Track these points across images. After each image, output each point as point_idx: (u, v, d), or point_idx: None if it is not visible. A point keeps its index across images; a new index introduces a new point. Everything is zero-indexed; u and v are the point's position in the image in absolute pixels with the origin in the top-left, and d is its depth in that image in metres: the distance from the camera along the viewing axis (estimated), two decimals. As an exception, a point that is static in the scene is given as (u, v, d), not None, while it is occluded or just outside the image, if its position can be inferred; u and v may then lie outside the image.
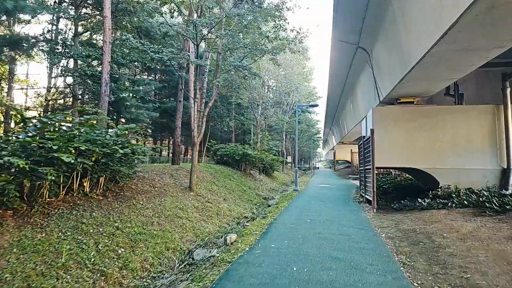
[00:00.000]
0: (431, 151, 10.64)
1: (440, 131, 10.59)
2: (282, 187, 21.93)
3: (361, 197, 14.07)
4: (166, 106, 22.23)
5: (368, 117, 12.48)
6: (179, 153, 13.76)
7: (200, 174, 13.19)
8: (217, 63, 11.44)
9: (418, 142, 10.86)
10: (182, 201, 9.58)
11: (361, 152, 14.08)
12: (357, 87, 18.59)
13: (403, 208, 10.27)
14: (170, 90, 25.80)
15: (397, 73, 9.21)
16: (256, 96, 21.90)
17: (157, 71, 24.92)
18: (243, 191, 14.97)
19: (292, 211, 10.69)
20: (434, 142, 10.62)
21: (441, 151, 10.51)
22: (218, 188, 12.94)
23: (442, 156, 10.48)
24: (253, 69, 21.48)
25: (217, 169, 16.41)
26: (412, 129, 10.99)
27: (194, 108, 10.83)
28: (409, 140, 10.97)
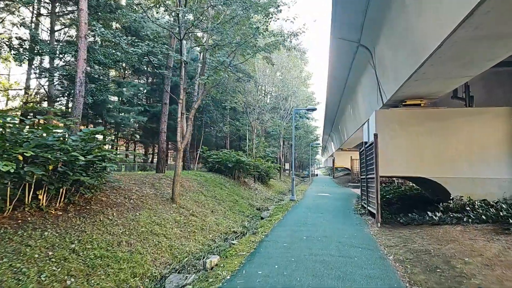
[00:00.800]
0: (441, 158, 9.66)
1: (451, 137, 9.62)
2: (278, 196, 20.86)
3: (362, 208, 13.04)
4: (155, 110, 21.22)
5: (370, 121, 11.52)
6: (164, 160, 12.76)
7: (186, 183, 12.14)
8: (203, 61, 10.49)
9: (426, 148, 9.89)
10: (161, 214, 8.52)
11: (362, 159, 13.09)
12: (357, 90, 17.69)
13: (410, 222, 9.24)
14: (160, 94, 24.83)
15: (404, 71, 8.27)
16: (251, 100, 20.95)
17: (148, 73, 24.02)
18: (235, 202, 13.91)
19: (286, 225, 9.63)
20: (445, 149, 9.65)
21: (452, 159, 9.53)
22: (206, 199, 11.89)
23: (454, 164, 9.50)
24: (247, 70, 20.62)
25: (207, 177, 15.36)
26: (419, 134, 10.03)
27: (178, 110, 9.84)
28: (417, 147, 9.99)
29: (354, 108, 21.29)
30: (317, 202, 15.83)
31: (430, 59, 6.36)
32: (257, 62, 21.18)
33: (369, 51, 11.64)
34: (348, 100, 22.39)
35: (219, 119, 24.69)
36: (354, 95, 19.40)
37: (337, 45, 12.78)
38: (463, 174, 9.43)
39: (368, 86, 14.50)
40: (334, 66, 15.92)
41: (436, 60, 6.44)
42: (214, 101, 23.39)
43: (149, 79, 25.87)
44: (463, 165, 9.44)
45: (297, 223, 9.89)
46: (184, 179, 12.44)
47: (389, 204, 12.83)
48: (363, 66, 13.89)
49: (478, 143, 9.39)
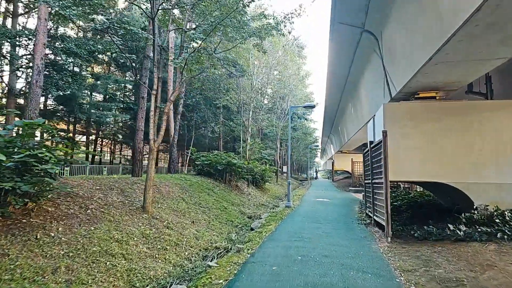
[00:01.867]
0: (462, 160, 8.23)
1: (474, 135, 8.21)
2: (273, 202, 19.37)
3: (367, 217, 11.58)
4: None
5: (377, 118, 10.10)
6: (141, 161, 11.30)
7: (165, 188, 10.66)
8: (181, 44, 9.04)
9: (444, 148, 8.46)
10: (125, 228, 7.04)
11: (367, 161, 11.65)
12: (360, 86, 16.29)
13: (427, 236, 7.78)
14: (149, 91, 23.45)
15: (421, 54, 6.86)
16: (244, 97, 19.49)
17: (135, 69, 22.56)
18: (223, 209, 12.43)
19: (278, 239, 8.16)
20: (467, 149, 8.23)
21: (476, 161, 8.11)
22: (187, 207, 10.41)
23: (478, 167, 8.08)
24: (241, 65, 19.20)
25: (193, 181, 13.88)
26: (435, 132, 8.61)
27: (151, 102, 8.38)
28: (433, 146, 8.57)
29: (356, 107, 19.89)
30: (316, 209, 14.36)
31: (462, 30, 4.94)
32: (251, 56, 19.80)
33: (374, 37, 10.23)
34: (349, 98, 21.01)
35: (211, 119, 23.23)
36: (356, 92, 18.00)
37: (338, 34, 11.38)
38: (489, 179, 8.01)
39: (372, 81, 13.10)
40: (334, 60, 14.54)
41: (469, 32, 5.03)
42: (206, 99, 21.97)
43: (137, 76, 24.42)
44: (489, 169, 8.02)
45: (292, 237, 8.41)
46: (162, 184, 10.97)
47: (398, 212, 11.39)
48: (366, 58, 12.50)
49: (507, 143, 7.96)
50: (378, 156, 9.10)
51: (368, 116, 15.82)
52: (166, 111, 8.47)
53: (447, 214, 9.56)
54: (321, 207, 15.12)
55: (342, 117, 28.55)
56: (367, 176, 11.72)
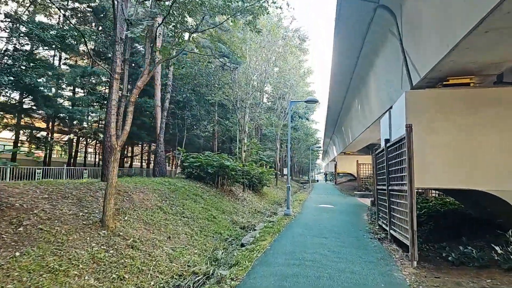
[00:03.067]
0: (507, 162, 6.54)
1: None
2: (272, 208, 17.69)
3: (380, 230, 9.90)
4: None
5: (395, 110, 8.45)
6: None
7: (139, 196, 8.99)
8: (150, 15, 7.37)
9: (482, 148, 6.80)
10: (69, 251, 5.38)
11: (380, 164, 9.98)
12: (369, 78, 14.63)
13: (466, 261, 6.10)
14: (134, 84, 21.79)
15: (463, 21, 5.20)
16: (240, 93, 17.76)
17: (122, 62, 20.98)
18: (212, 219, 10.76)
19: (272, 263, 6.48)
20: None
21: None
22: (166, 218, 8.74)
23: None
24: (236, 57, 17.56)
25: (178, 186, 12.22)
26: (471, 127, 6.94)
27: (113, 90, 6.72)
28: (467, 145, 6.90)
29: (363, 104, 18.23)
30: (319, 218, 12.67)
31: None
32: (248, 47, 18.14)
33: (391, 13, 8.58)
34: (356, 94, 19.36)
35: (203, 117, 21.56)
36: (364, 86, 16.35)
37: (347, 12, 9.76)
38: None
39: (386, 70, 11.45)
40: (340, 47, 12.91)
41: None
42: (198, 95, 20.33)
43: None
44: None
45: (289, 258, 6.73)
46: (137, 190, 9.30)
47: (417, 224, 9.67)
48: (379, 42, 10.86)
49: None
50: (398, 157, 7.42)
51: (378, 112, 14.16)
52: (132, 100, 6.82)
53: (481, 229, 7.88)
54: (325, 215, 13.42)
55: (347, 116, 26.91)
56: (380, 181, 10.04)
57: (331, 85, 20.67)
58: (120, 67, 6.65)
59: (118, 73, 6.62)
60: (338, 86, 20.13)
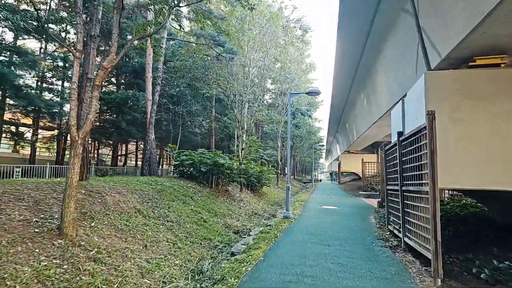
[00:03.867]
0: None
1: None
2: (271, 209, 16.58)
3: (391, 236, 8.77)
4: (113, 98, 16.95)
5: (411, 98, 7.32)
6: (87, 160, 8.59)
7: (114, 197, 7.90)
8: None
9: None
10: (7, 267, 4.30)
11: (390, 160, 8.85)
12: (376, 68, 13.48)
13: (502, 279, 4.97)
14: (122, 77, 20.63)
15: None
16: (236, 86, 16.58)
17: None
18: (202, 223, 9.68)
19: (263, 279, 5.39)
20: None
21: None
22: (146, 222, 7.66)
23: None
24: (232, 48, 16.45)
25: (166, 185, 11.14)
26: (503, 115, 5.79)
27: (74, 71, 5.61)
28: (501, 138, 5.75)
29: (369, 97, 17.07)
30: (322, 222, 11.54)
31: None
32: (246, 37, 17.02)
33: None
34: (361, 87, 18.20)
35: (199, 113, 20.47)
36: (371, 77, 15.18)
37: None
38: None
39: (396, 55, 10.31)
40: (345, 35, 11.80)
41: None
42: (193, 89, 19.22)
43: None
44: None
45: (285, 273, 5.64)
46: (112, 191, 8.22)
47: (433, 230, 8.52)
48: (389, 23, 9.73)
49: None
50: (415, 152, 6.28)
51: (387, 105, 13.01)
52: (97, 83, 5.71)
53: (507, 234, 6.75)
54: (328, 218, 12.29)
55: (351, 112, 25.76)
56: (391, 181, 8.90)
57: (334, 79, 19.53)
58: (81, 43, 5.56)
59: (79, 51, 5.52)
60: (342, 80, 18.99)
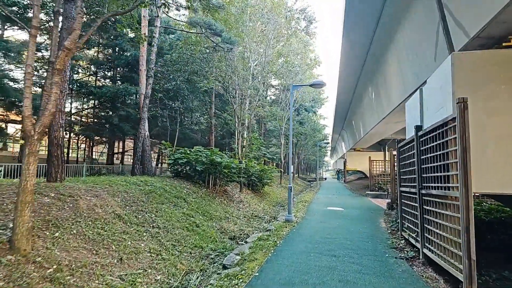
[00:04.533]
0: None
1: None
2: (272, 211, 15.65)
3: (407, 244, 7.76)
4: (103, 92, 16.00)
5: (431, 85, 6.32)
6: (60, 158, 7.68)
7: (89, 201, 6.99)
8: None
9: None
10: None
11: (405, 159, 7.83)
12: (387, 57, 12.45)
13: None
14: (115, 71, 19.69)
15: None
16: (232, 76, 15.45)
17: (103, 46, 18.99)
18: (193, 228, 8.78)
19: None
20: None
21: None
22: (125, 230, 6.75)
23: None
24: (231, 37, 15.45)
25: (157, 186, 10.25)
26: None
27: (28, 53, 4.68)
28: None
29: (379, 90, 16.02)
30: (327, 227, 10.57)
31: None
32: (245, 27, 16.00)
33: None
34: (369, 80, 17.14)
35: (197, 108, 19.50)
36: (381, 68, 14.13)
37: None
38: None
39: (411, 40, 9.28)
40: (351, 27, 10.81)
41: None
42: (191, 83, 18.25)
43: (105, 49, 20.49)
44: None
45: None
46: (89, 193, 7.31)
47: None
48: (402, 7, 8.70)
49: None
50: (439, 149, 5.28)
51: (399, 97, 11.97)
52: (58, 67, 4.78)
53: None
54: (334, 223, 11.31)
55: (358, 108, 24.70)
56: (406, 182, 7.90)
57: (340, 73, 18.51)
58: (38, 18, 4.63)
59: (35, 28, 4.59)
60: (348, 74, 17.96)
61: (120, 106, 17.04)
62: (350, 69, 17.14)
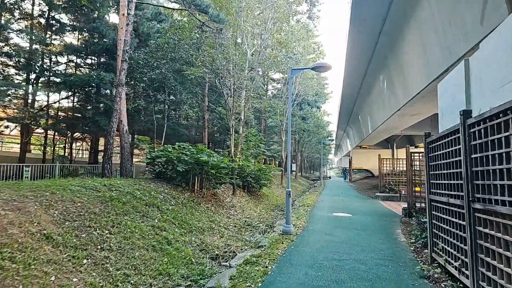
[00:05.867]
0: None
1: None
2: (270, 216, 13.77)
3: (439, 269, 5.80)
4: (72, 80, 14.01)
5: (491, 52, 4.35)
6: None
7: (4, 218, 5.10)
8: None
9: None
10: None
11: (440, 157, 5.88)
12: (405, 34, 10.50)
13: None
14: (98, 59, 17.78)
15: None
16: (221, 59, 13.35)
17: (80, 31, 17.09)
18: (163, 246, 6.92)
19: None
20: None
21: None
22: (53, 257, 4.86)
23: None
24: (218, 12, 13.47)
25: (123, 192, 8.38)
26: None
27: None
28: None
29: (392, 77, 14.05)
30: (333, 241, 8.65)
31: None
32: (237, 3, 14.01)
33: None
34: (381, 66, 15.15)
35: (186, 101, 17.54)
36: (395, 50, 12.17)
37: None
38: None
39: (442, 6, 7.31)
40: None
41: None
42: (179, 73, 16.34)
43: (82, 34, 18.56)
44: None
45: None
46: (6, 206, 5.42)
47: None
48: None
49: None
50: (504, 146, 3.35)
51: (421, 83, 10.01)
52: None
53: None
54: (341, 235, 9.38)
55: (366, 101, 22.72)
56: (439, 188, 5.95)
57: (347, 62, 16.55)
58: None
59: None
60: (356, 61, 15.98)
61: (94, 97, 15.18)
62: (358, 56, 15.17)
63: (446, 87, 5.89)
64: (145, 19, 19.15)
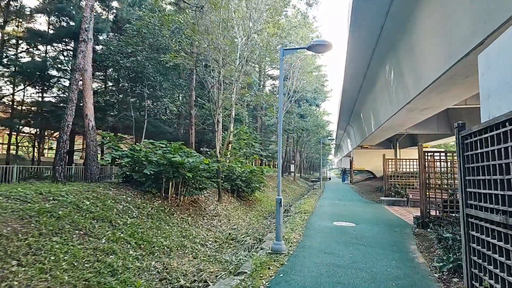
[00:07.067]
0: None
1: None
2: (261, 225, 12.00)
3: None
4: (27, 66, 12.15)
5: None
6: None
7: None
8: None
9: None
10: None
11: (482, 157, 4.08)
12: (415, 14, 8.73)
13: None
14: (58, 43, 15.92)
15: None
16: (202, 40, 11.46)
17: (45, 12, 15.28)
18: (102, 279, 5.12)
19: None
20: None
21: None
22: None
23: None
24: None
25: (65, 201, 6.64)
26: None
27: None
28: None
29: (401, 66, 12.31)
30: (334, 264, 6.87)
31: None
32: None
33: None
34: (387, 55, 13.40)
35: (167, 93, 15.76)
36: (406, 31, 10.42)
37: None
38: None
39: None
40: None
41: None
42: (160, 63, 14.58)
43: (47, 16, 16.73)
44: None
45: None
46: None
47: None
48: None
49: None
50: None
51: (441, 66, 8.24)
52: None
53: None
54: (345, 254, 7.58)
55: (369, 97, 20.97)
56: (480, 200, 4.17)
57: (348, 52, 14.84)
58: None
59: None
60: (358, 51, 14.27)
61: (52, 87, 13.44)
62: (361, 44, 13.45)
63: (497, 55, 4.13)
64: (126, 4, 17.45)
